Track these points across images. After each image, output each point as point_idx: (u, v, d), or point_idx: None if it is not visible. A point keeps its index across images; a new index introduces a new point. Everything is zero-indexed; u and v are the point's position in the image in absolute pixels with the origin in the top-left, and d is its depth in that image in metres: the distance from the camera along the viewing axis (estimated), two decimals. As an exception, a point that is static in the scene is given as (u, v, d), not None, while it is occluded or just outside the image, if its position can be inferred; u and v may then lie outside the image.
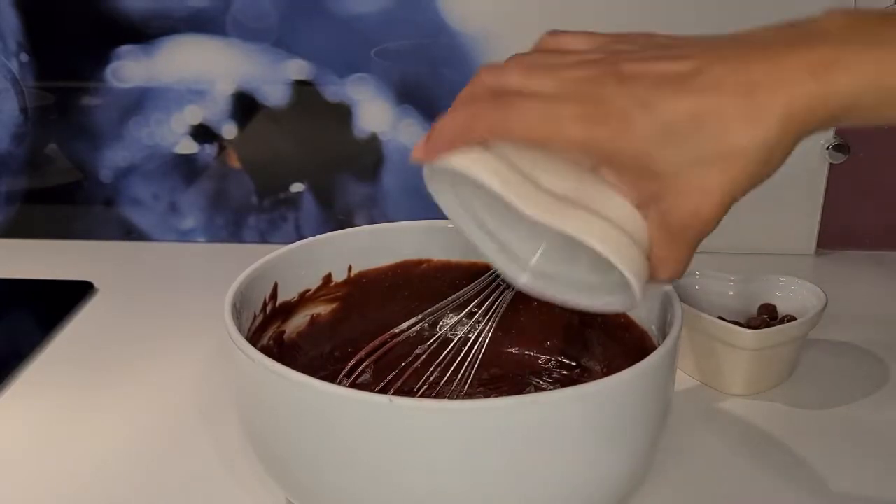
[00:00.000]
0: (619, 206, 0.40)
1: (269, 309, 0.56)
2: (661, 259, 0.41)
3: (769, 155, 0.37)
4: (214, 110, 0.85)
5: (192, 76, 0.84)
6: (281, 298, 0.57)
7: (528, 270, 0.47)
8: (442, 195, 0.46)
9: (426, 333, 0.60)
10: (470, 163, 0.40)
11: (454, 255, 0.62)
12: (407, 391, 0.56)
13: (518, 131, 0.40)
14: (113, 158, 0.87)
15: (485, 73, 0.42)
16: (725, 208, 0.39)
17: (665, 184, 0.38)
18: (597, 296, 0.45)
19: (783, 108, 0.36)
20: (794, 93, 0.36)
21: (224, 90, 0.84)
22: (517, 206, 0.39)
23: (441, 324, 0.62)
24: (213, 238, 0.90)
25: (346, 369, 0.57)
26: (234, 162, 0.87)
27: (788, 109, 0.36)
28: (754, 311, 0.67)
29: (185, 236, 0.90)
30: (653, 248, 0.41)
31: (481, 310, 0.57)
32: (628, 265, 0.40)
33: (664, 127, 0.37)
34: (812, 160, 0.83)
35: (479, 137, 0.41)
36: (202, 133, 0.86)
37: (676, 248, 0.40)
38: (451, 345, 0.58)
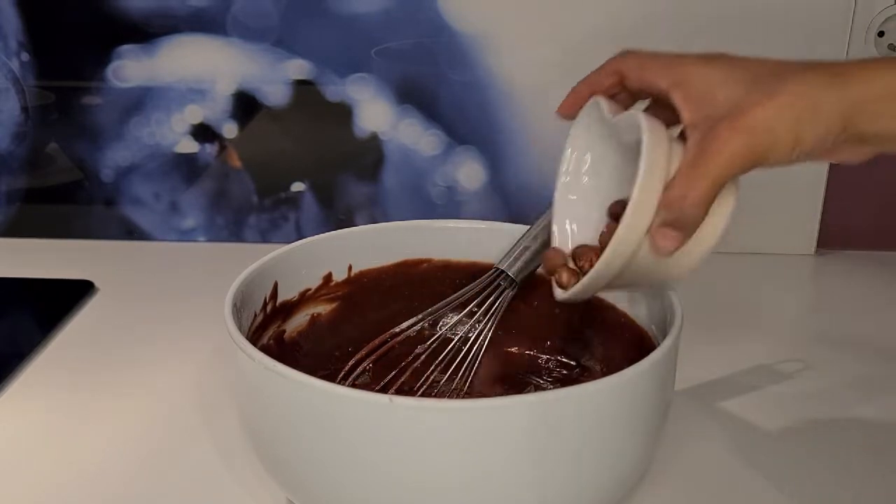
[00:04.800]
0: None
1: (269, 308, 0.56)
2: (680, 175, 0.44)
3: (814, 117, 0.42)
4: (215, 110, 0.85)
5: (192, 76, 0.84)
6: (281, 298, 0.57)
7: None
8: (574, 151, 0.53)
9: (426, 333, 0.60)
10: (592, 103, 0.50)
11: (454, 255, 0.62)
12: (407, 391, 0.56)
13: (626, 66, 0.49)
14: (114, 158, 0.87)
15: None
16: (759, 148, 0.42)
17: (716, 113, 0.43)
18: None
19: (850, 90, 0.42)
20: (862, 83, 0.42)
21: (224, 90, 0.84)
22: (601, 106, 0.49)
23: (441, 323, 0.62)
24: (214, 238, 0.90)
25: (346, 369, 0.57)
26: (235, 161, 0.87)
27: (852, 95, 0.42)
28: None
29: (185, 236, 0.90)
30: (679, 167, 0.44)
31: (481, 309, 0.57)
32: (650, 133, 0.44)
33: (738, 65, 0.44)
34: (812, 160, 0.83)
35: (603, 82, 0.50)
36: (203, 133, 0.86)
37: (698, 168, 0.43)
38: (451, 344, 0.58)
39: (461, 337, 0.60)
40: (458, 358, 0.57)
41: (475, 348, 0.57)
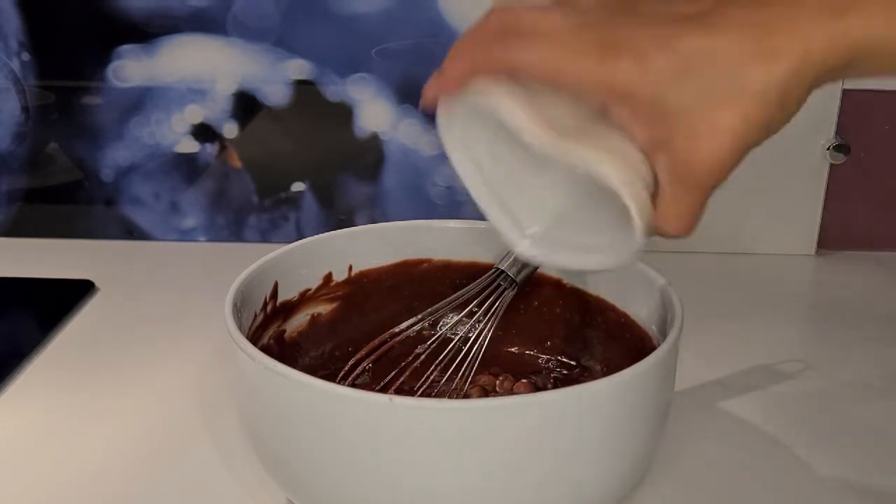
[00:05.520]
0: (631, 149, 0.39)
1: (269, 308, 0.56)
2: (670, 211, 0.39)
3: (784, 96, 0.37)
4: (215, 110, 0.85)
5: (192, 75, 0.84)
6: (281, 298, 0.57)
7: (529, 237, 0.46)
8: (454, 150, 0.45)
9: (426, 333, 0.60)
10: (478, 92, 0.40)
11: (454, 255, 0.62)
12: (407, 391, 0.56)
13: (531, 65, 0.39)
14: (114, 158, 0.87)
15: (498, 11, 0.41)
16: (738, 153, 0.37)
17: (677, 125, 0.37)
18: (590, 256, 0.44)
19: (799, 46, 0.36)
20: (810, 32, 0.36)
21: (225, 90, 0.84)
22: (522, 135, 0.39)
23: (441, 323, 0.62)
24: (214, 237, 0.90)
25: (346, 368, 0.57)
26: (235, 161, 0.87)
27: (805, 48, 0.36)
28: None
29: (185, 236, 0.90)
30: (661, 200, 0.39)
31: (481, 309, 0.57)
32: (634, 199, 0.38)
33: (678, 64, 0.37)
34: (812, 160, 0.83)
35: (491, 72, 0.40)
36: (203, 132, 0.86)
37: (686, 197, 0.38)
38: (451, 344, 0.58)
39: (461, 337, 0.60)
40: (458, 358, 0.57)
41: (475, 348, 0.57)
